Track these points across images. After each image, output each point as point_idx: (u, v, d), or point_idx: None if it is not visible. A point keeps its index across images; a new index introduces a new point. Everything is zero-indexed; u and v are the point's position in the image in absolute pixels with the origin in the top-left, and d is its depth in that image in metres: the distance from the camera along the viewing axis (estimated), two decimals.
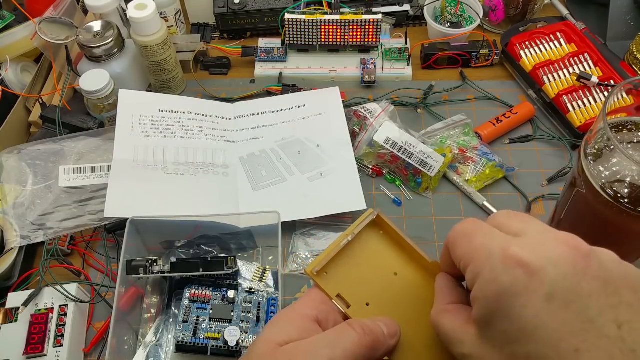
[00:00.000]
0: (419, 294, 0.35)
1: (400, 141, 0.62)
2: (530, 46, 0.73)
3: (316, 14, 0.72)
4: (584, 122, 0.65)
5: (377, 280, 0.35)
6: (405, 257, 0.37)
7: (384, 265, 0.36)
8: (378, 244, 0.37)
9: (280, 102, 0.70)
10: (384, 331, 0.32)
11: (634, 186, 0.43)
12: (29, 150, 0.63)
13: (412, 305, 0.35)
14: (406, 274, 0.36)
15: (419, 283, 0.36)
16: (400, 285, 0.36)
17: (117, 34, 0.67)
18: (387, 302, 0.34)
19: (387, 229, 0.37)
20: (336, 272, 0.35)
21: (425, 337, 0.34)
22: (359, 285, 0.35)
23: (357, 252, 0.36)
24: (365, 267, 0.36)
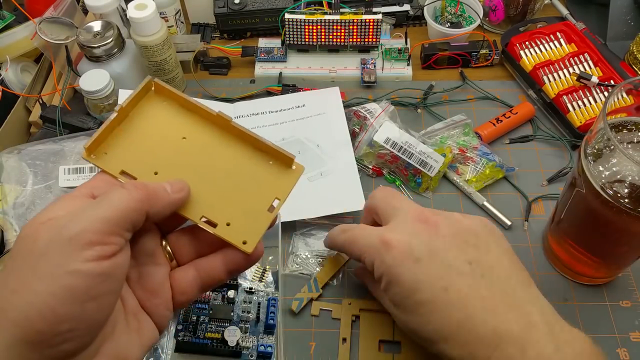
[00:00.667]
0: (210, 151, 0.36)
1: (400, 141, 0.62)
2: (530, 46, 0.73)
3: (316, 14, 0.72)
4: (584, 122, 0.65)
5: (165, 148, 0.35)
6: (193, 119, 0.37)
7: (171, 132, 0.36)
8: (162, 113, 0.36)
9: (280, 102, 0.70)
10: (167, 187, 0.32)
11: (634, 186, 0.43)
12: (29, 150, 0.63)
13: (204, 162, 0.36)
14: (195, 135, 0.36)
15: (209, 140, 0.36)
16: (189, 147, 0.36)
17: (117, 34, 0.67)
18: (177, 167, 0.34)
19: (169, 95, 0.36)
20: (118, 150, 0.34)
21: (224, 189, 0.35)
22: (145, 157, 0.35)
23: (140, 125, 0.36)
24: (151, 138, 0.35)
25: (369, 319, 0.53)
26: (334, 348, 0.52)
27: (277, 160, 0.37)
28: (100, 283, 0.28)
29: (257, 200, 0.35)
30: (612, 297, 0.54)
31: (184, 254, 0.35)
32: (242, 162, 0.36)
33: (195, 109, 0.36)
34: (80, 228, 0.28)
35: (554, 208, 0.56)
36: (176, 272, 0.35)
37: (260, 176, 0.36)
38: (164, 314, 0.33)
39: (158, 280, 0.33)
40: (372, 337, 0.52)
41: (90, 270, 0.27)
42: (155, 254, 0.34)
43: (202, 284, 0.35)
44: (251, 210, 0.35)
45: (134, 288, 0.33)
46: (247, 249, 0.34)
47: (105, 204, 0.29)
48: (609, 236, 0.48)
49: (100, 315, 0.29)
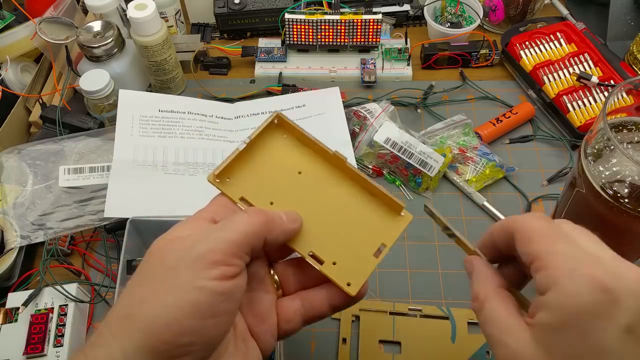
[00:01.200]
0: (323, 188, 0.37)
1: (400, 141, 0.62)
2: (530, 46, 0.73)
3: (316, 14, 0.72)
4: (584, 122, 0.65)
5: (282, 180, 0.36)
6: (309, 155, 0.38)
7: (288, 165, 0.37)
8: (282, 146, 0.38)
9: (280, 102, 0.70)
10: (282, 216, 0.33)
11: (634, 186, 0.43)
12: (29, 150, 0.63)
13: (317, 198, 0.37)
14: (310, 170, 0.37)
15: (323, 177, 0.37)
16: (304, 182, 0.37)
17: (117, 34, 0.67)
18: (292, 199, 0.36)
19: (289, 129, 0.38)
20: (239, 177, 0.36)
21: (332, 227, 0.36)
22: (263, 187, 0.36)
23: (260, 156, 0.37)
24: (269, 169, 0.37)
25: (368, 319, 0.53)
26: (334, 348, 0.52)
27: (386, 206, 0.37)
28: (221, 302, 0.29)
29: (363, 243, 0.36)
30: None
31: (290, 284, 0.37)
32: (352, 203, 0.37)
33: (313, 146, 0.38)
34: (208, 248, 0.29)
35: (554, 208, 0.56)
36: (282, 301, 0.36)
37: (368, 219, 0.37)
38: (269, 341, 0.34)
39: (266, 306, 0.35)
40: (372, 337, 0.52)
41: (215, 287, 0.29)
42: (265, 281, 0.36)
43: (305, 316, 0.36)
44: (357, 252, 0.36)
45: (245, 313, 0.34)
46: (351, 291, 0.34)
47: (230, 227, 0.31)
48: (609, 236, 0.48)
49: (217, 333, 0.30)
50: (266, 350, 0.34)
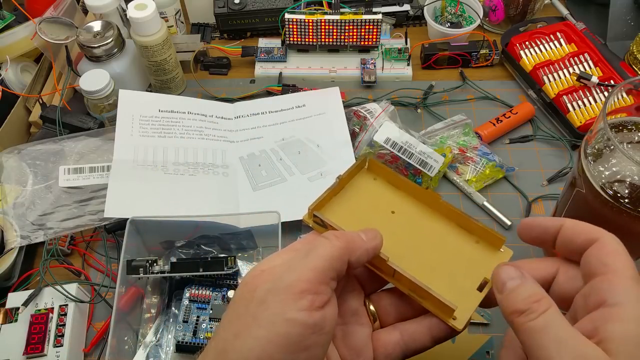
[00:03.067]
0: (418, 225, 0.37)
1: (400, 141, 0.62)
2: (530, 46, 0.73)
3: (316, 14, 0.72)
4: (584, 122, 0.65)
5: (375, 219, 0.37)
6: (401, 194, 0.39)
7: (381, 206, 0.38)
8: (374, 188, 0.39)
9: (280, 102, 0.70)
10: (362, 235, 0.33)
11: (634, 186, 0.43)
12: (29, 150, 0.63)
13: (413, 236, 0.37)
14: (403, 210, 0.38)
15: (418, 215, 0.38)
16: (399, 221, 0.38)
17: (117, 34, 0.67)
18: (387, 238, 0.35)
19: (380, 172, 0.39)
20: (333, 216, 0.36)
21: (431, 264, 0.36)
22: (358, 226, 0.36)
23: (353, 197, 0.38)
24: (363, 209, 0.38)
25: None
26: None
27: (484, 241, 0.37)
28: (312, 334, 0.29)
29: (464, 277, 0.36)
30: None
31: (388, 316, 0.36)
32: (449, 239, 0.37)
33: (404, 186, 0.38)
34: (294, 278, 0.30)
35: (554, 208, 0.56)
36: (380, 333, 0.35)
37: (467, 254, 0.37)
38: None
39: (362, 339, 0.34)
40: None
41: (305, 319, 0.29)
42: (359, 313, 0.35)
43: (405, 348, 0.35)
44: (459, 287, 0.35)
45: (338, 346, 0.34)
46: (457, 325, 0.34)
47: (313, 254, 0.31)
48: None
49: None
50: None
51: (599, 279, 0.29)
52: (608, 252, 0.30)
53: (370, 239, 0.34)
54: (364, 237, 0.33)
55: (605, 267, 0.29)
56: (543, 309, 0.28)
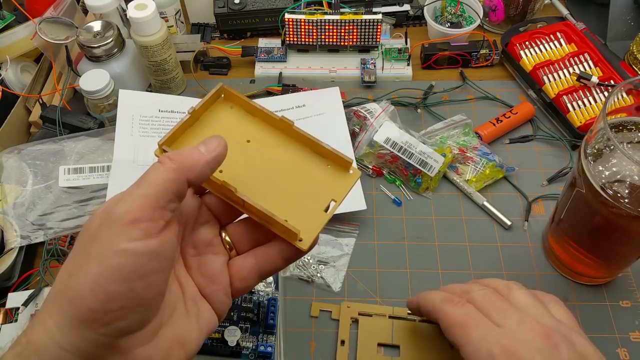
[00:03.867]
0: (272, 153, 0.38)
1: (400, 141, 0.62)
2: (530, 46, 0.73)
3: (316, 14, 0.72)
4: (584, 122, 0.65)
5: (230, 149, 0.36)
6: (257, 123, 0.39)
7: (236, 135, 0.38)
8: (229, 117, 0.39)
9: (280, 102, 0.70)
10: (200, 148, 0.32)
11: (634, 186, 0.43)
12: (29, 150, 0.63)
13: (267, 164, 0.38)
14: (259, 137, 0.38)
15: (273, 143, 0.39)
16: (254, 149, 0.38)
17: (117, 34, 0.67)
18: (241, 167, 0.36)
19: (236, 100, 0.39)
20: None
21: (283, 189, 0.37)
22: None
23: (208, 128, 0.38)
24: None
25: (368, 322, 0.53)
26: (334, 348, 0.52)
27: (335, 164, 0.38)
28: (148, 262, 0.29)
29: (314, 200, 0.37)
30: (612, 297, 0.54)
31: (243, 244, 0.37)
32: (302, 164, 0.38)
33: (259, 114, 0.38)
34: (125, 208, 0.29)
35: (554, 208, 0.56)
36: (236, 260, 0.36)
37: (318, 178, 0.38)
38: (223, 300, 0.35)
39: (216, 267, 0.35)
40: (371, 340, 0.51)
41: (137, 249, 0.28)
42: (214, 243, 0.36)
43: (260, 272, 0.36)
44: (308, 209, 0.36)
45: (194, 275, 0.34)
46: (302, 246, 0.35)
47: (144, 181, 0.30)
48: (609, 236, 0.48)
49: (150, 293, 0.29)
50: (220, 310, 0.35)
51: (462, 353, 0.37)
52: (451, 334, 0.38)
53: (210, 150, 0.32)
54: (203, 149, 0.32)
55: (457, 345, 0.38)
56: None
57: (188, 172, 0.31)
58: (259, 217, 0.35)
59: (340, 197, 0.37)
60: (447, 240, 0.59)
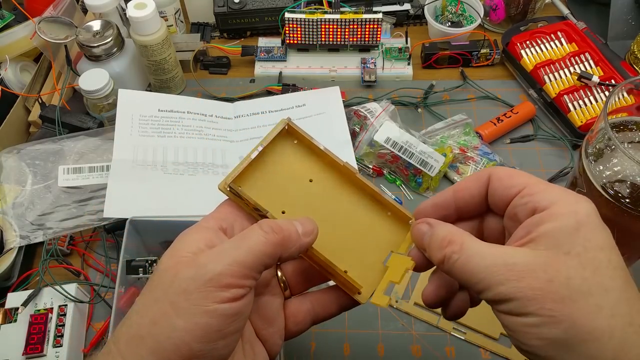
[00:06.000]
0: (334, 197, 0.37)
1: (401, 141, 0.62)
2: (531, 45, 0.73)
3: (316, 13, 0.72)
4: (584, 122, 0.65)
5: (293, 188, 0.36)
6: (320, 163, 0.38)
7: (299, 173, 0.37)
8: (292, 153, 0.37)
9: (281, 101, 0.70)
10: (298, 229, 0.32)
11: (635, 186, 0.43)
12: (28, 150, 0.63)
13: (327, 207, 0.37)
14: (321, 178, 0.37)
15: (334, 185, 0.37)
16: (316, 190, 0.37)
17: (117, 33, 0.67)
18: (303, 207, 0.35)
19: (299, 137, 0.37)
20: (250, 185, 0.35)
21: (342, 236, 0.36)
22: (274, 195, 0.36)
23: (271, 164, 0.37)
24: (280, 177, 0.36)
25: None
26: (334, 348, 0.52)
27: (395, 217, 0.37)
28: (231, 323, 0.29)
29: (373, 251, 0.36)
30: None
31: (298, 284, 0.36)
32: (362, 213, 0.37)
33: (323, 155, 0.37)
34: (220, 270, 0.29)
35: None
36: (292, 303, 0.36)
37: (378, 228, 0.37)
38: (277, 342, 0.35)
39: (274, 310, 0.35)
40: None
41: (225, 310, 0.28)
42: (271, 283, 0.35)
43: (315, 317, 0.36)
44: (367, 260, 0.36)
45: (252, 317, 0.34)
46: (361, 300, 0.35)
47: (245, 246, 0.30)
48: None
49: (227, 352, 0.30)
50: (274, 352, 0.34)
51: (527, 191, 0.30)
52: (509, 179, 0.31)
53: (306, 233, 0.32)
54: (300, 230, 0.32)
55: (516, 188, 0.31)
56: (457, 246, 0.29)
57: (283, 250, 0.31)
58: (320, 265, 0.34)
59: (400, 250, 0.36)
60: None
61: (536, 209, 0.29)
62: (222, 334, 0.29)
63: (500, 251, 0.28)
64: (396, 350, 0.52)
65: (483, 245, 0.29)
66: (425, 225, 0.33)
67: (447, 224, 0.32)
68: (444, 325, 0.53)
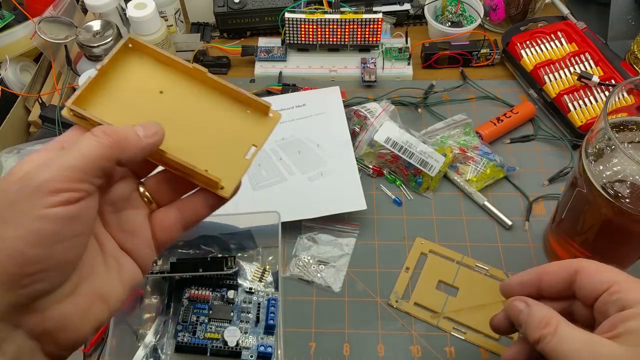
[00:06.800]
0: (188, 103, 0.37)
1: (401, 141, 0.62)
2: (531, 45, 0.73)
3: (316, 13, 0.72)
4: (584, 122, 0.65)
5: (143, 102, 0.35)
6: (170, 73, 0.37)
7: (148, 86, 0.37)
8: (139, 69, 0.37)
9: (280, 101, 0.70)
10: (139, 132, 0.32)
11: (635, 186, 0.43)
12: (28, 150, 0.63)
13: (182, 114, 0.36)
14: (173, 87, 0.37)
15: (188, 92, 0.37)
16: (168, 100, 0.37)
17: (117, 33, 0.67)
18: (156, 119, 0.35)
19: (145, 50, 0.37)
20: (97, 106, 0.35)
21: (201, 139, 0.36)
22: (123, 112, 0.35)
23: (117, 81, 0.36)
24: (129, 93, 0.36)
25: (435, 260, 0.57)
26: (334, 348, 0.52)
27: (254, 109, 0.38)
28: (67, 226, 0.28)
29: (234, 148, 0.36)
30: None
31: (164, 196, 0.36)
32: (219, 113, 0.37)
33: (171, 63, 0.37)
34: (47, 177, 0.28)
35: (554, 208, 0.56)
36: (158, 213, 0.36)
37: (237, 125, 0.37)
38: (145, 252, 0.34)
39: (137, 221, 0.34)
40: (434, 275, 0.56)
41: (56, 214, 0.28)
42: (132, 198, 0.35)
43: (184, 222, 0.36)
44: (228, 157, 0.36)
45: (113, 232, 0.34)
46: (224, 194, 0.35)
47: (74, 151, 0.29)
48: (610, 236, 0.48)
49: (69, 256, 0.29)
50: (144, 263, 0.34)
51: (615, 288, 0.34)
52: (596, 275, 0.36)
53: (149, 135, 0.32)
54: (141, 133, 0.32)
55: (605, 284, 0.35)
56: (553, 329, 0.34)
57: (121, 152, 0.31)
58: (178, 169, 0.35)
59: (261, 142, 0.37)
60: (447, 240, 0.59)
61: (624, 306, 0.33)
62: (59, 238, 0.28)
63: (589, 339, 0.33)
64: (396, 350, 0.52)
65: (575, 330, 0.33)
66: (522, 303, 0.37)
67: (543, 306, 0.36)
68: (444, 325, 0.53)
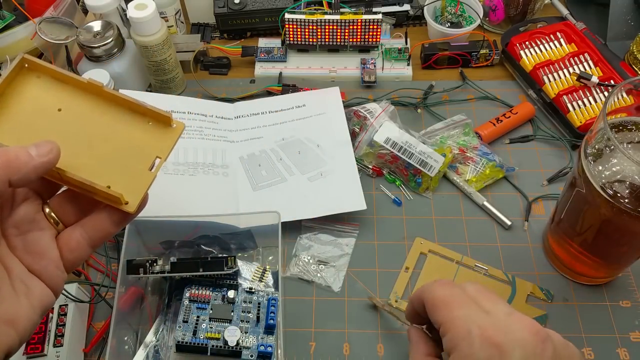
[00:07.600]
0: (87, 119, 0.37)
1: (400, 141, 0.62)
2: (530, 46, 0.73)
3: (316, 14, 0.72)
4: (584, 122, 0.65)
5: (40, 121, 0.35)
6: (67, 90, 0.37)
7: (45, 105, 0.36)
8: (36, 88, 0.37)
9: (280, 102, 0.70)
10: (31, 152, 0.31)
11: (634, 186, 0.43)
12: None
13: (82, 131, 0.36)
14: (71, 104, 0.37)
15: (87, 108, 0.37)
16: (66, 117, 0.36)
17: (117, 33, 0.67)
18: (54, 137, 0.34)
19: (42, 69, 0.37)
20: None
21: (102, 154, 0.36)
22: (20, 133, 0.35)
23: (14, 103, 0.36)
24: (27, 113, 0.36)
25: (435, 260, 0.58)
26: (334, 348, 0.52)
27: (155, 121, 0.37)
28: None
29: (138, 161, 0.36)
30: (612, 297, 0.54)
31: (69, 216, 0.36)
32: (120, 126, 0.37)
33: (68, 80, 0.37)
34: None
35: (554, 208, 0.56)
36: (64, 233, 0.35)
37: (140, 138, 0.37)
38: (55, 274, 0.34)
39: (43, 243, 0.34)
40: (433, 275, 0.57)
41: None
42: (37, 219, 0.35)
43: (90, 241, 0.35)
44: (132, 171, 0.36)
45: (20, 254, 0.34)
46: (129, 209, 0.35)
47: None
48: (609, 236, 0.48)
49: None
50: (55, 285, 0.34)
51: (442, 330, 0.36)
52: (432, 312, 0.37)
53: (42, 154, 0.31)
54: (34, 152, 0.31)
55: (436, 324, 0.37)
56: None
57: (12, 173, 0.30)
58: (79, 187, 0.34)
59: (165, 153, 0.36)
60: (447, 240, 0.59)
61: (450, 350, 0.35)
62: None
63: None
64: (396, 350, 0.52)
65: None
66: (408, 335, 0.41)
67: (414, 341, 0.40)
68: None
